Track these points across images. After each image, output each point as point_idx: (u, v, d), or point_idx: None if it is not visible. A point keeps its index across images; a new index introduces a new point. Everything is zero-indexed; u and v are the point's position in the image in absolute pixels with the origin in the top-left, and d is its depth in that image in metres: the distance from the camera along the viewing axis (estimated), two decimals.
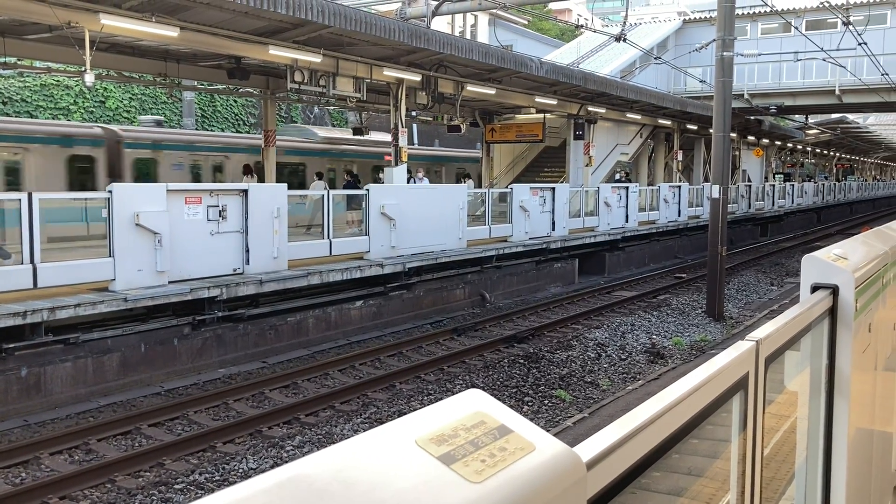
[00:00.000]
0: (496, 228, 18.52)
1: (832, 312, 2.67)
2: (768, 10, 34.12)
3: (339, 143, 24.69)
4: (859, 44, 22.62)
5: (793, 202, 41.27)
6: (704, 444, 1.87)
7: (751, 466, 1.84)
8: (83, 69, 12.34)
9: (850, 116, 46.69)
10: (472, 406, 0.91)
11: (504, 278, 18.11)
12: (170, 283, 10.95)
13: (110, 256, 10.42)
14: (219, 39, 13.86)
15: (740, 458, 1.82)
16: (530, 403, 10.55)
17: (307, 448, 8.74)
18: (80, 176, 17.12)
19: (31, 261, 9.68)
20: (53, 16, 11.43)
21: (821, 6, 21.97)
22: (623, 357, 13.11)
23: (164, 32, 12.71)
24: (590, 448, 0.99)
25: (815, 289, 2.69)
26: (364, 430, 0.78)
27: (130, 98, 27.26)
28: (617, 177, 26.51)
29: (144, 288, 10.59)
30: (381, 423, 3.37)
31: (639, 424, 1.13)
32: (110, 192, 10.51)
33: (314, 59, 14.96)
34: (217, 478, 7.85)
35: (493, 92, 20.17)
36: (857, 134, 52.09)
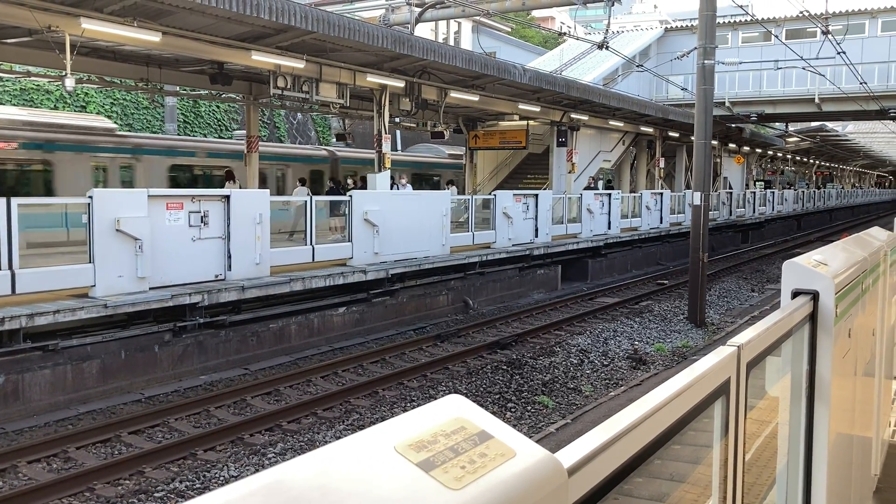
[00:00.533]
0: (479, 235, 18.53)
1: (812, 318, 2.69)
2: (749, 18, 34.48)
3: (459, 157, 30.30)
4: (838, 53, 22.88)
5: (773, 209, 41.64)
6: (686, 450, 1.87)
7: (732, 471, 1.84)
8: (64, 73, 12.24)
9: (830, 125, 47.20)
10: (453, 412, 0.90)
11: (487, 285, 18.12)
12: (151, 289, 10.86)
13: (90, 262, 10.32)
14: (201, 44, 13.79)
15: (722, 463, 1.82)
16: (513, 409, 10.54)
17: (289, 455, 8.69)
18: (315, 184, 22.93)
19: (10, 267, 9.57)
20: (33, 19, 11.34)
21: (800, 15, 22.21)
22: (605, 363, 13.14)
23: (145, 37, 12.64)
24: (571, 454, 0.98)
25: (795, 294, 2.71)
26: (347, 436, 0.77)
27: (112, 103, 27.08)
28: (593, 185, 26.57)
29: (125, 294, 10.50)
30: (364, 429, 3.32)
31: (620, 430, 1.12)
32: (90, 197, 10.41)
33: (297, 64, 14.93)
34: (198, 486, 7.78)
35: (476, 98, 20.21)
36: (836, 142, 52.68)
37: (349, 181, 21.93)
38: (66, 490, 7.38)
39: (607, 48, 20.94)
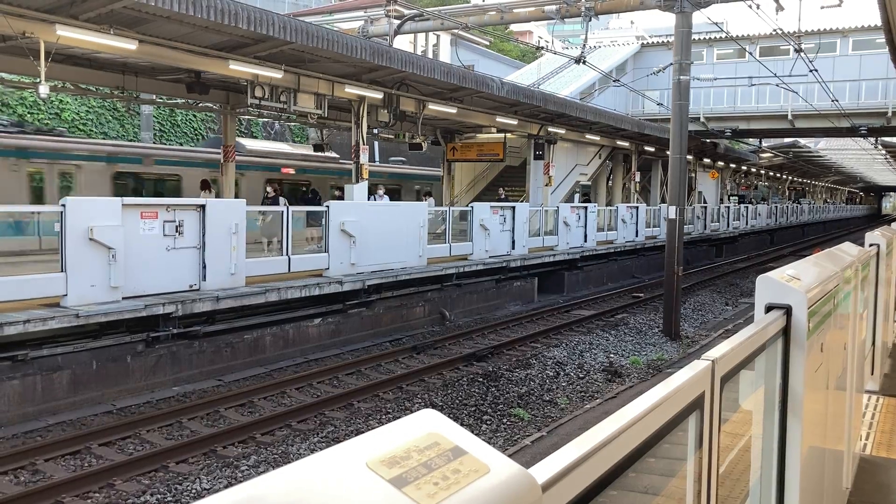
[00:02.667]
0: (456, 246, 18.54)
1: (786, 332, 2.71)
2: (724, 35, 34.93)
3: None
4: (810, 70, 23.24)
5: (747, 224, 42.12)
6: (661, 463, 1.87)
7: (706, 485, 1.85)
8: (38, 80, 12.10)
9: (802, 141, 47.87)
10: (426, 427, 0.89)
11: (464, 296, 18.11)
12: (124, 298, 10.73)
13: (62, 271, 10.18)
14: (178, 53, 13.71)
15: (696, 476, 1.83)
16: (489, 422, 10.52)
17: (262, 468, 8.60)
18: (420, 196, 27.48)
19: None
20: (8, 26, 11.20)
21: (774, 33, 22.54)
22: (581, 376, 13.17)
23: (122, 45, 12.54)
24: (545, 469, 0.98)
25: (768, 309, 2.72)
26: (321, 450, 0.75)
27: (87, 110, 26.81)
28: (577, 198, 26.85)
29: (97, 304, 10.36)
30: (339, 441, 3.32)
31: (595, 445, 1.12)
32: (63, 205, 10.28)
33: (275, 74, 14.88)
34: (169, 498, 7.67)
35: (454, 111, 20.27)
36: (809, 158, 53.43)
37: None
38: (36, 501, 7.25)
39: (584, 63, 21.11)
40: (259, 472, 8.29)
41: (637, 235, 28.10)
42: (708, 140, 36.09)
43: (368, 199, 18.35)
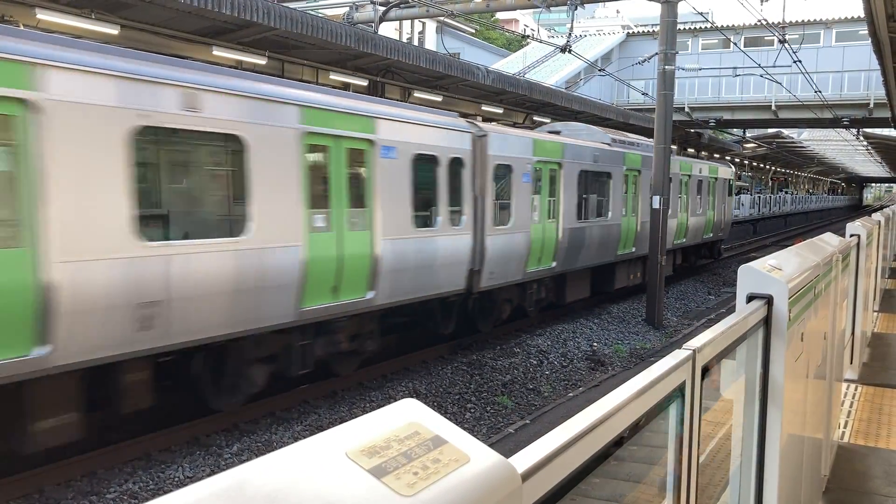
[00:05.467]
0: None
1: (767, 322, 2.73)
2: (709, 26, 35.05)
3: None
4: (794, 61, 23.37)
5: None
6: (643, 451, 1.88)
7: (687, 473, 1.86)
8: None
9: (786, 131, 48.22)
10: (407, 416, 0.88)
11: None
12: None
13: None
14: (161, 38, 13.57)
15: (677, 464, 1.84)
16: (472, 410, 10.56)
17: (246, 456, 8.59)
18: None
19: None
20: None
21: (758, 24, 22.63)
22: (564, 364, 13.23)
23: (103, 30, 12.39)
24: (525, 459, 0.98)
25: (750, 298, 2.75)
26: (304, 438, 0.75)
27: None
28: None
29: None
30: (322, 430, 3.27)
31: (576, 434, 1.12)
32: None
33: (259, 61, 14.77)
34: (151, 486, 7.65)
35: (440, 99, 20.22)
36: (792, 148, 53.84)
37: None
38: (14, 492, 7.20)
39: (570, 52, 21.11)
40: (242, 461, 8.27)
41: None
42: (692, 130, 36.26)
43: None
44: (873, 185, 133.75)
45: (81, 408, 7.47)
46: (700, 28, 37.33)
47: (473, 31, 52.81)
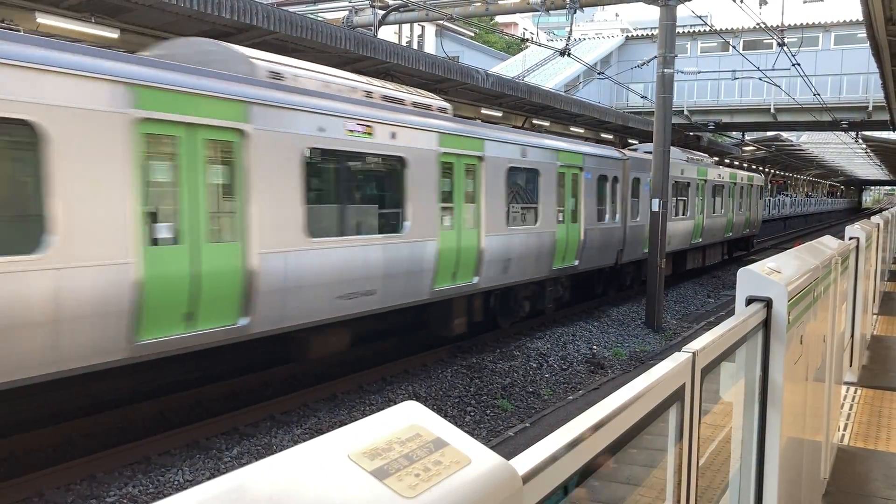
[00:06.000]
0: None
1: (766, 324, 2.73)
2: (708, 29, 35.10)
3: None
4: (793, 64, 23.40)
5: None
6: (643, 454, 1.88)
7: (686, 476, 1.87)
8: None
9: (785, 134, 48.25)
10: (408, 418, 0.89)
11: None
12: None
13: None
14: (161, 42, 13.58)
15: (676, 467, 1.84)
16: (472, 413, 10.56)
17: (246, 459, 8.58)
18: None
19: None
20: None
21: (757, 27, 22.66)
22: (564, 367, 13.23)
23: (103, 34, 12.40)
24: (527, 460, 0.98)
25: (749, 301, 2.75)
26: (304, 441, 0.76)
27: None
28: None
29: None
30: (322, 433, 3.30)
31: (576, 436, 1.12)
32: None
33: None
34: (151, 490, 7.64)
35: None
36: (791, 151, 53.88)
37: None
38: (15, 496, 7.20)
39: (569, 55, 21.13)
40: (242, 464, 8.28)
41: None
42: (691, 133, 36.28)
43: None
44: (873, 187, 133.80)
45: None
46: (699, 31, 37.38)
47: (473, 34, 52.86)
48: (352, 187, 10.62)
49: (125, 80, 7.30)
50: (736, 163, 46.05)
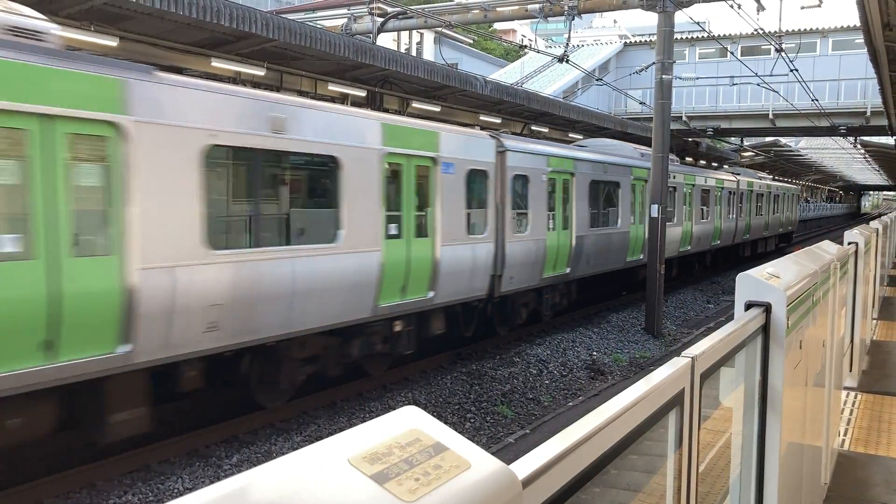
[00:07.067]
0: None
1: (765, 329, 2.73)
2: (706, 35, 35.17)
3: None
4: (791, 70, 23.43)
5: None
6: (642, 460, 1.88)
7: (686, 482, 1.87)
8: None
9: (783, 140, 48.30)
10: (408, 423, 0.89)
11: None
12: None
13: None
14: (160, 50, 13.61)
15: (676, 473, 1.84)
16: (472, 420, 10.54)
17: (245, 467, 8.57)
18: None
19: None
20: None
21: (755, 33, 22.71)
22: (564, 373, 13.22)
23: (102, 42, 12.42)
24: (526, 465, 0.99)
25: (748, 306, 2.75)
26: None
27: None
28: None
29: None
30: (322, 440, 3.25)
31: (576, 441, 1.13)
32: None
33: (258, 72, 14.81)
34: (151, 498, 7.63)
35: (438, 109, 20.25)
36: (790, 157, 53.93)
37: None
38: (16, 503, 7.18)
39: (567, 62, 21.17)
40: (242, 472, 8.24)
41: None
42: (690, 139, 36.30)
43: None
44: (872, 192, 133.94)
45: None
46: (697, 37, 37.46)
47: (471, 41, 52.96)
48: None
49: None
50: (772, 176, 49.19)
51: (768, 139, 45.73)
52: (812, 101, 29.28)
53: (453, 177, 12.36)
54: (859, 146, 45.92)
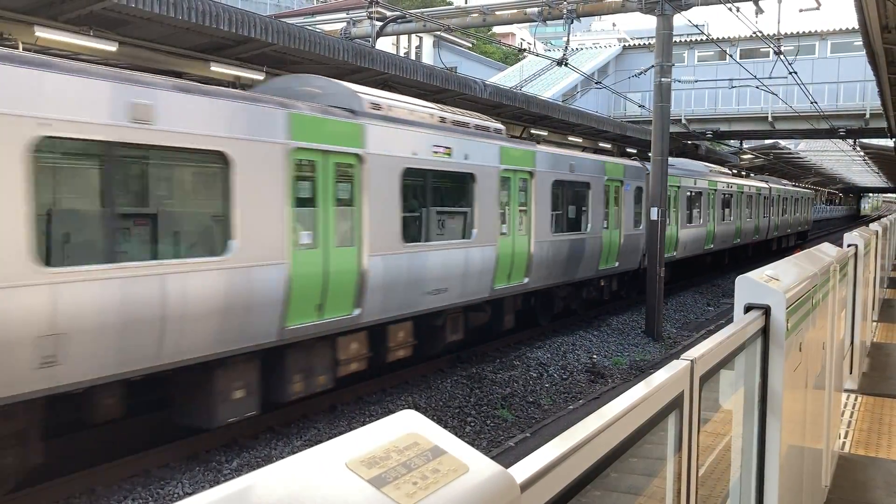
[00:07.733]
0: None
1: (765, 332, 2.73)
2: (705, 38, 35.23)
3: None
4: (790, 73, 23.46)
5: None
6: (642, 463, 1.88)
7: (686, 485, 1.86)
8: None
9: (782, 142, 48.34)
10: (406, 427, 0.89)
11: None
12: None
13: None
14: (159, 55, 13.62)
15: (676, 476, 1.84)
16: (472, 423, 10.53)
17: (245, 471, 8.55)
18: None
19: None
20: None
21: (754, 36, 22.74)
22: (564, 377, 13.21)
23: (102, 47, 12.43)
24: (525, 469, 0.98)
25: (748, 309, 2.75)
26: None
27: None
28: None
29: None
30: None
31: (575, 444, 1.12)
32: None
33: (257, 76, 14.82)
34: (151, 503, 7.62)
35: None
36: (789, 159, 53.96)
37: None
38: None
39: (567, 65, 21.20)
40: (241, 476, 8.23)
41: None
42: (689, 142, 36.34)
43: None
44: (871, 195, 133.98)
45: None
46: (696, 40, 37.49)
47: (470, 45, 53.01)
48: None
49: None
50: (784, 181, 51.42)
51: (767, 142, 45.79)
52: (811, 103, 29.29)
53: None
54: (858, 148, 45.96)
